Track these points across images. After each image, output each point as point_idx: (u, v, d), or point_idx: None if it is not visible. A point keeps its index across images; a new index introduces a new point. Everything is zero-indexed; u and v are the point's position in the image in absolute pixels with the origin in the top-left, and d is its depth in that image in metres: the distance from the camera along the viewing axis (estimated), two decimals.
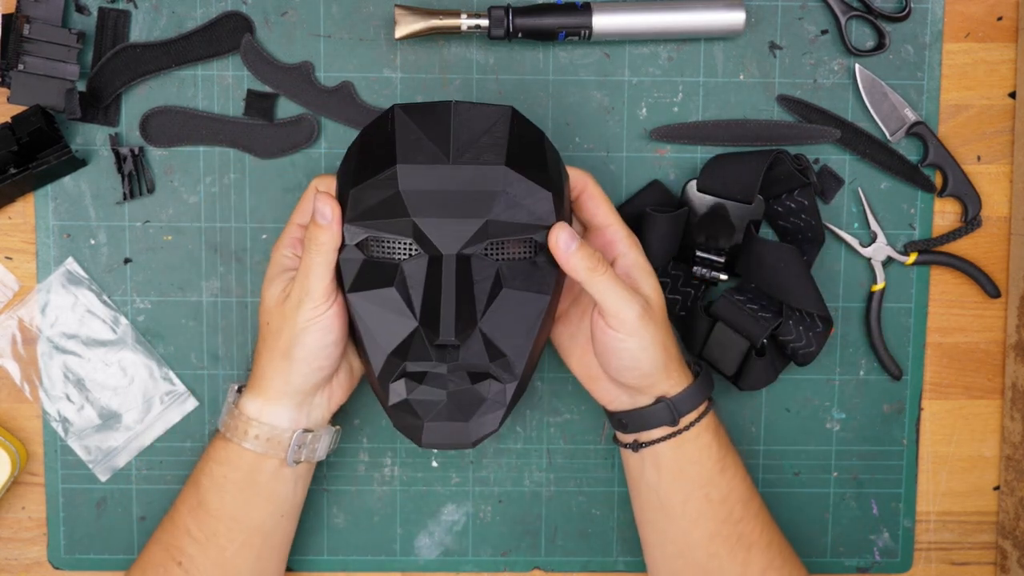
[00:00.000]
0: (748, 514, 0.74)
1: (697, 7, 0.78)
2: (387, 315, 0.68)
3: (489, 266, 0.68)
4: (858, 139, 0.81)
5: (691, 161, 0.81)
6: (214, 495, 0.73)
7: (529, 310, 0.68)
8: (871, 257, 0.82)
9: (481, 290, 0.67)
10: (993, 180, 0.83)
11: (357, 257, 0.69)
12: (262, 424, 0.71)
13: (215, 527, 0.73)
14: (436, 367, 0.67)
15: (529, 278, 0.69)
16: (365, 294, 0.68)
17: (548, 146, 0.70)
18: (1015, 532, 0.84)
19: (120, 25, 0.78)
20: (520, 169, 0.67)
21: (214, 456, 0.73)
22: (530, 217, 0.67)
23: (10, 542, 0.83)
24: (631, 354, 0.69)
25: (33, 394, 0.81)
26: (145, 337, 0.81)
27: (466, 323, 0.66)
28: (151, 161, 0.80)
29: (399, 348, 0.68)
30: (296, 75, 0.79)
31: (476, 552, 0.84)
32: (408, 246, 0.68)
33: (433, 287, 0.67)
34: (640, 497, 0.76)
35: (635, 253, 0.71)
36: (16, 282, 0.81)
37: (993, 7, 0.81)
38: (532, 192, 0.67)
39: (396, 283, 0.68)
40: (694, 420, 0.72)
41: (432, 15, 0.76)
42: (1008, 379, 0.84)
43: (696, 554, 0.73)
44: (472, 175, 0.67)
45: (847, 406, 0.84)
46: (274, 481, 0.73)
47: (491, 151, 0.67)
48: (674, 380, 0.72)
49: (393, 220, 0.67)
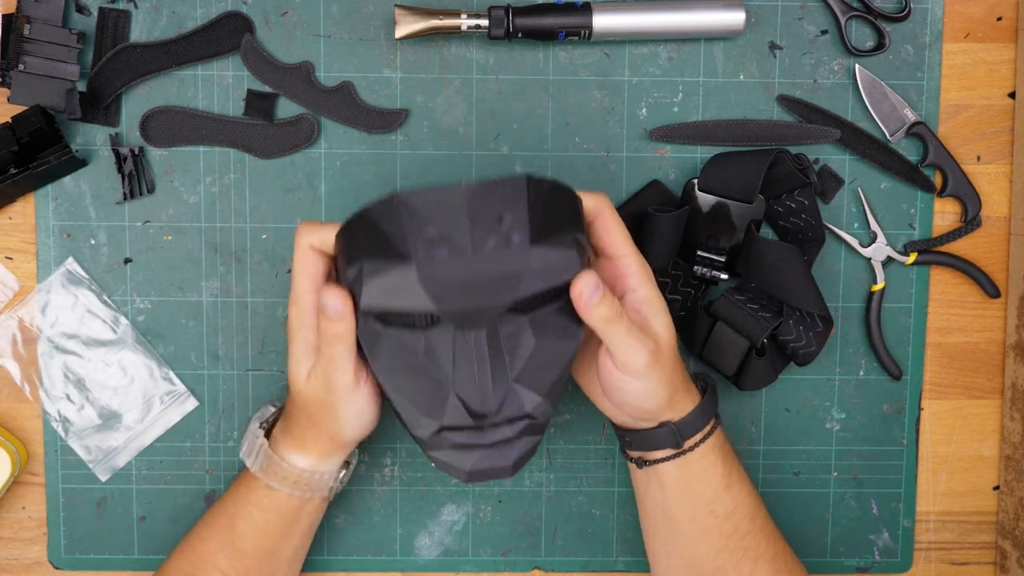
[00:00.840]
0: (754, 527, 0.73)
1: (697, 7, 0.78)
2: (418, 385, 0.65)
3: (516, 321, 0.65)
4: (858, 139, 0.81)
5: (691, 161, 0.81)
6: (252, 538, 0.72)
7: (561, 356, 0.66)
8: (871, 257, 0.82)
9: (511, 346, 0.65)
10: (993, 180, 0.83)
11: (377, 329, 0.64)
12: (314, 473, 0.71)
13: (248, 564, 0.73)
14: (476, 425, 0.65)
15: (558, 325, 0.66)
16: (392, 369, 0.65)
17: (564, 195, 0.66)
18: (1015, 532, 0.84)
19: (120, 25, 0.78)
20: (544, 240, 0.62)
21: (255, 503, 0.72)
22: (557, 279, 0.64)
23: (10, 542, 0.83)
24: (636, 395, 0.68)
25: (33, 394, 0.81)
26: (145, 337, 0.81)
27: (501, 386, 0.64)
28: (151, 161, 0.80)
29: (434, 411, 0.65)
30: (296, 75, 0.79)
31: (476, 552, 0.84)
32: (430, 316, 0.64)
33: (464, 358, 0.64)
34: (646, 510, 0.76)
35: (647, 288, 0.68)
36: (16, 282, 0.81)
37: (993, 7, 0.82)
38: (558, 258, 0.63)
39: (424, 354, 0.64)
40: (699, 441, 0.71)
41: (432, 15, 0.76)
42: (1008, 379, 0.84)
43: (703, 567, 0.73)
44: (497, 263, 0.62)
45: (847, 406, 0.84)
46: (314, 515, 0.74)
47: (514, 232, 0.62)
48: (679, 406, 0.70)
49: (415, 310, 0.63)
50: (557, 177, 0.81)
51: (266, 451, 0.72)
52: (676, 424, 0.70)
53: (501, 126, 0.81)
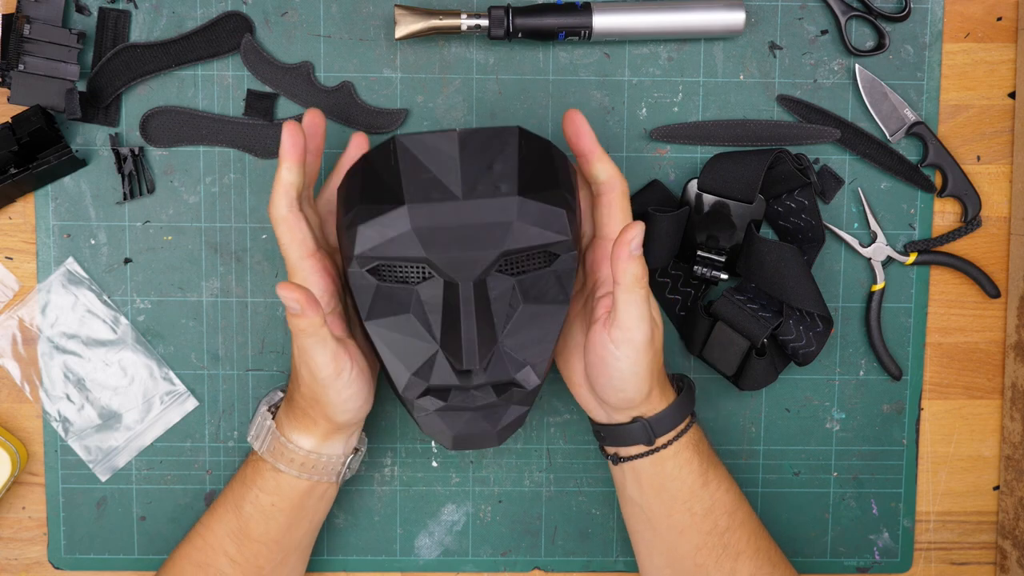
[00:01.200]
0: (734, 523, 0.73)
1: (697, 7, 0.78)
2: (407, 340, 0.66)
3: (505, 282, 0.67)
4: (858, 139, 0.81)
5: (691, 161, 0.81)
6: (259, 522, 0.73)
7: (549, 321, 0.67)
8: (871, 257, 0.82)
9: (499, 307, 0.66)
10: (993, 180, 0.83)
11: (370, 283, 0.67)
12: (320, 455, 0.71)
13: (257, 550, 0.73)
14: (461, 383, 0.67)
15: (547, 290, 0.67)
16: (383, 322, 0.67)
17: (556, 155, 0.68)
18: (1015, 532, 0.84)
19: (120, 25, 0.78)
20: (533, 193, 0.65)
21: (261, 485, 0.72)
22: (545, 237, 0.65)
23: (10, 542, 0.83)
24: (621, 375, 0.68)
25: (33, 394, 0.81)
26: (145, 337, 0.81)
27: (487, 346, 0.65)
28: (151, 161, 0.80)
29: (421, 369, 0.67)
30: (296, 75, 0.79)
31: (476, 552, 0.84)
32: (421, 270, 0.66)
33: (451, 314, 0.65)
34: (626, 508, 0.76)
35: None
36: (16, 282, 0.81)
37: (993, 7, 0.82)
38: (547, 213, 0.65)
39: (413, 308, 0.66)
40: (672, 439, 0.72)
41: (432, 15, 0.76)
42: (1008, 379, 0.84)
43: (684, 564, 0.73)
44: (485, 209, 0.64)
45: (847, 406, 0.84)
46: (321, 501, 0.74)
47: (503, 181, 0.64)
48: (654, 402, 0.71)
49: (406, 255, 0.65)
50: None
51: (273, 431, 0.72)
52: (648, 420, 0.71)
53: None
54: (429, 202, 0.63)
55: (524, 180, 0.65)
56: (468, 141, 0.65)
